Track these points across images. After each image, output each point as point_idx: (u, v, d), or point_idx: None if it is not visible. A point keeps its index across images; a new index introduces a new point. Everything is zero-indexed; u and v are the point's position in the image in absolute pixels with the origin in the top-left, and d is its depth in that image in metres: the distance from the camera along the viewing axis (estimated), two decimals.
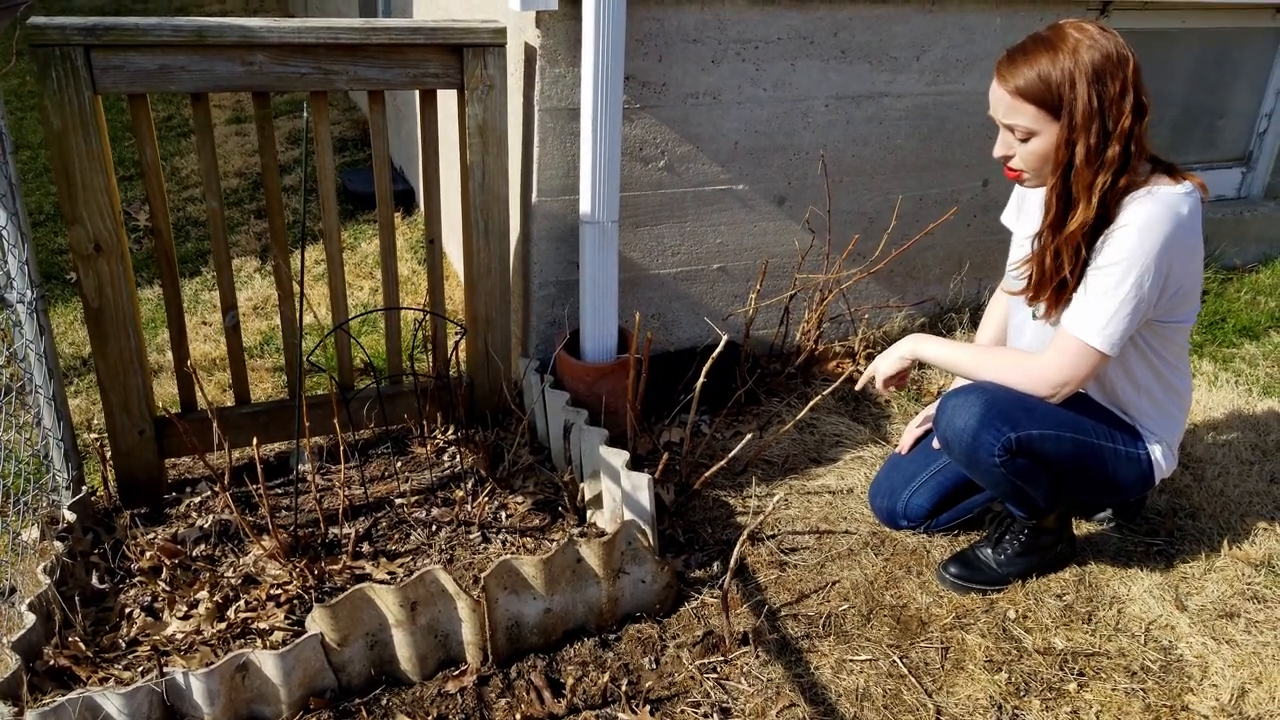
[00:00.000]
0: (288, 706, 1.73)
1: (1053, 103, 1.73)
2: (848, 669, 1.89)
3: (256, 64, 2.05)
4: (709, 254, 2.79)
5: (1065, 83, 1.71)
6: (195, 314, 3.35)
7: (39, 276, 2.03)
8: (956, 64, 2.85)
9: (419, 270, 3.64)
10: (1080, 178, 1.75)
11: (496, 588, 1.81)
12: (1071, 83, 1.71)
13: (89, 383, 2.88)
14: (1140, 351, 1.93)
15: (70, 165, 1.99)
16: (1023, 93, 1.74)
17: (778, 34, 2.58)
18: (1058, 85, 1.71)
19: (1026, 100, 1.75)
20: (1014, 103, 1.76)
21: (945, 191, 3.04)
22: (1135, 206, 1.75)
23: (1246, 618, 2.04)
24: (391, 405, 2.48)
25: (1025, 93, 1.74)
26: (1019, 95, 1.75)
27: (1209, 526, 2.32)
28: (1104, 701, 1.83)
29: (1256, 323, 3.39)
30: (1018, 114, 1.77)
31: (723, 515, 2.32)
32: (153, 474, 2.29)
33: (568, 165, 2.47)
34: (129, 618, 1.91)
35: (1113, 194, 1.76)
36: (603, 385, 2.46)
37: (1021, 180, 1.88)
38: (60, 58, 1.91)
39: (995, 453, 1.88)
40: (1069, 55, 1.71)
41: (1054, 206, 1.81)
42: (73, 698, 1.56)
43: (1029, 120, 1.77)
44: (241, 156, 4.87)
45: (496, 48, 2.21)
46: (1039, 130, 1.77)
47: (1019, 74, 1.75)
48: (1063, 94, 1.72)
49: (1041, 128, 1.76)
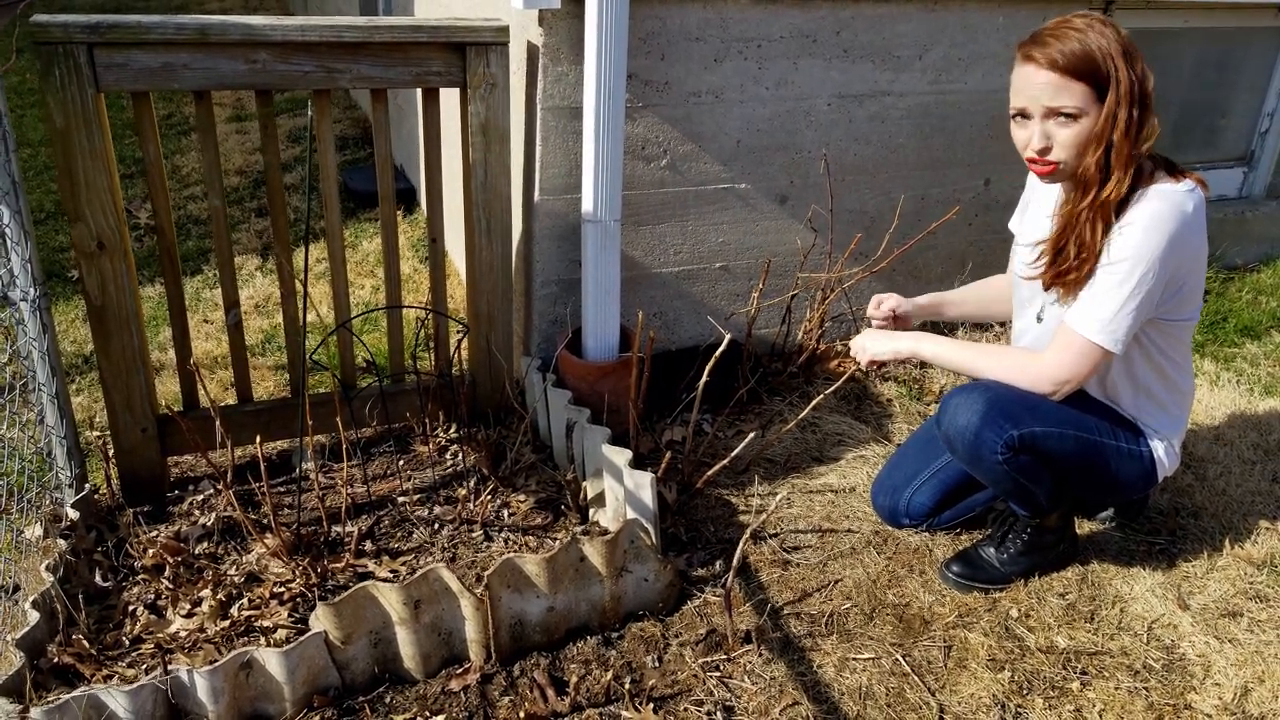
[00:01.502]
0: (291, 704, 1.73)
1: (1100, 77, 1.71)
2: (850, 667, 1.89)
3: (260, 62, 2.05)
4: (711, 253, 2.79)
5: (1108, 57, 1.71)
6: (197, 312, 3.35)
7: (41, 274, 2.03)
8: (959, 63, 2.85)
9: (421, 269, 3.64)
10: (1120, 151, 1.74)
11: (499, 586, 1.81)
12: (1112, 57, 1.70)
13: (91, 380, 2.88)
14: (1143, 349, 1.93)
15: (73, 163, 1.99)
16: (1069, 69, 1.72)
17: (780, 33, 2.58)
18: (1102, 59, 1.71)
19: (1075, 78, 1.72)
20: (1061, 81, 1.73)
21: (947, 191, 3.04)
22: (1141, 204, 1.75)
23: (1249, 617, 2.04)
24: (394, 404, 2.48)
25: (1071, 69, 1.72)
26: (1067, 74, 1.72)
27: (1211, 526, 2.32)
28: (1107, 700, 1.83)
29: (1258, 322, 3.39)
30: (1066, 93, 1.73)
31: (725, 514, 2.32)
32: (155, 472, 2.29)
33: (570, 164, 2.47)
34: (132, 615, 1.91)
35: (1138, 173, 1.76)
36: (605, 384, 2.46)
37: (1055, 175, 1.82)
38: (63, 55, 1.91)
39: (998, 450, 1.88)
40: (1097, 34, 1.71)
41: (1094, 180, 1.76)
42: (77, 695, 1.56)
43: (1078, 99, 1.73)
44: (242, 155, 4.87)
45: (499, 46, 2.21)
46: (1086, 110, 1.74)
47: (1059, 52, 1.72)
48: (1108, 69, 1.71)
49: (1088, 106, 1.74)
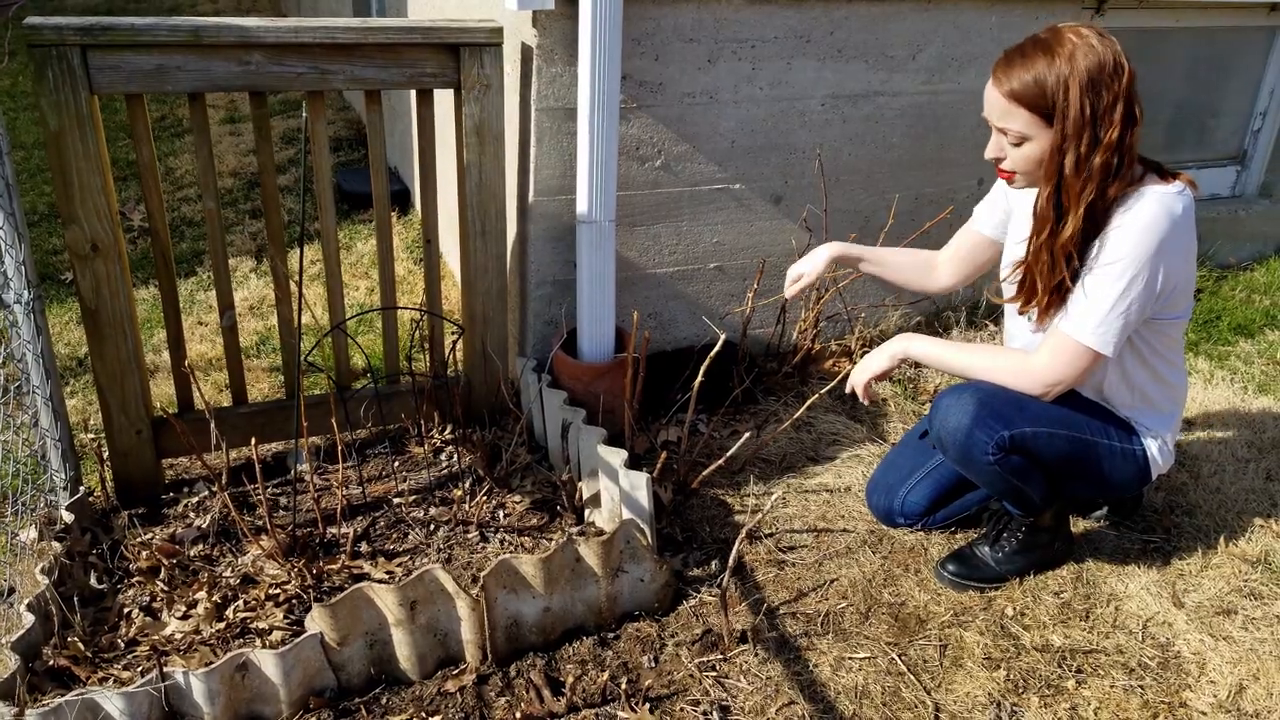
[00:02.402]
0: (287, 706, 1.73)
1: (1046, 109, 1.72)
2: (846, 667, 1.89)
3: (253, 64, 2.05)
4: (706, 253, 2.79)
5: (1059, 89, 1.70)
6: (191, 314, 3.34)
7: (36, 277, 2.03)
8: (952, 63, 2.85)
9: (415, 270, 3.64)
10: (1070, 187, 1.75)
11: (495, 587, 1.81)
12: (1066, 89, 1.70)
13: (86, 383, 2.87)
14: (1134, 347, 1.93)
15: (67, 166, 1.98)
16: (1017, 97, 1.74)
17: (774, 33, 2.58)
18: (1052, 92, 1.71)
19: (1020, 105, 1.74)
20: (1008, 106, 1.76)
21: (941, 190, 3.05)
22: (1131, 208, 1.75)
23: (1244, 614, 2.05)
24: (389, 405, 2.48)
25: (1019, 97, 1.74)
26: (1013, 99, 1.74)
27: (1206, 524, 2.33)
28: (1102, 698, 1.83)
29: (1251, 320, 3.40)
30: (1011, 118, 1.77)
31: (721, 514, 2.32)
32: (150, 474, 2.29)
33: (564, 165, 2.47)
34: (128, 618, 1.91)
35: (1101, 203, 1.75)
36: (600, 384, 2.46)
37: (1012, 182, 1.87)
38: (57, 58, 1.91)
39: (989, 451, 1.88)
40: (1065, 61, 1.70)
41: (1049, 216, 1.80)
42: (72, 698, 1.56)
43: (1021, 125, 1.76)
44: (236, 156, 4.86)
45: (493, 47, 2.21)
46: (1031, 135, 1.76)
47: (1014, 77, 1.74)
48: (1056, 101, 1.71)
49: (1034, 133, 1.76)
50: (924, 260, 2.26)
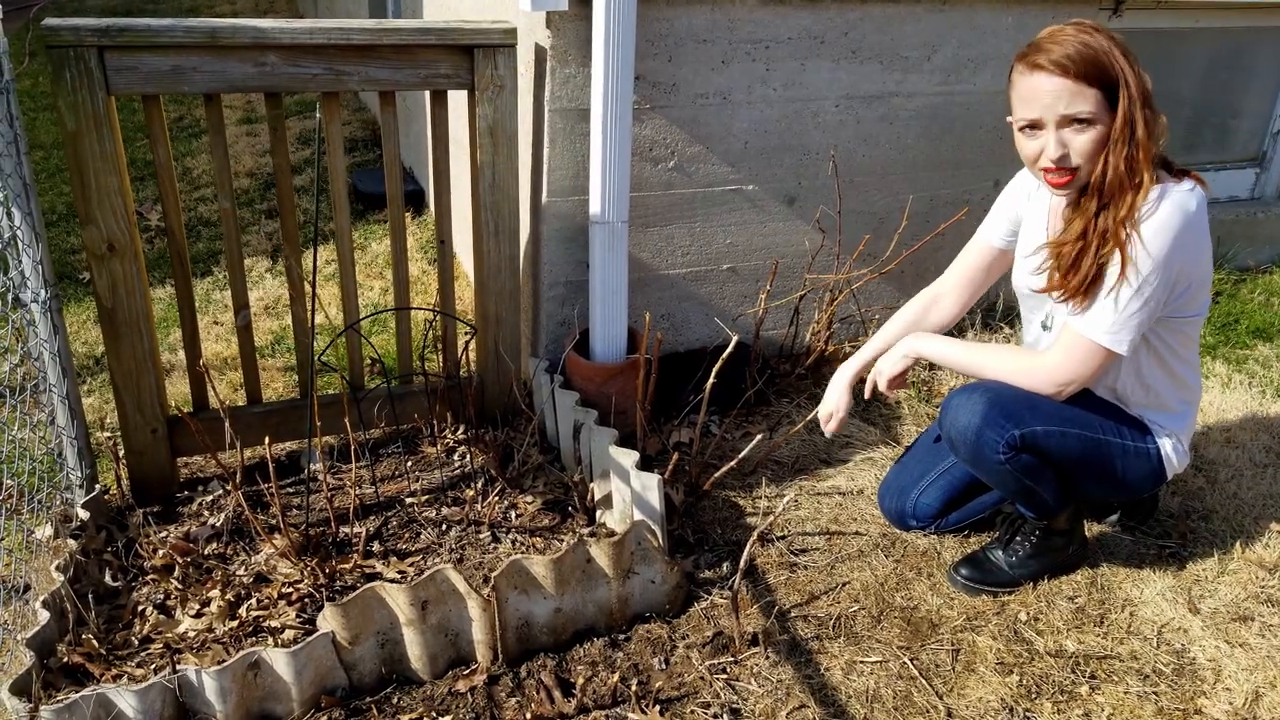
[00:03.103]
0: (299, 704, 1.73)
1: (1111, 81, 1.72)
2: (858, 670, 1.89)
3: (269, 65, 2.06)
4: (718, 254, 2.79)
5: (1115, 61, 1.71)
6: (207, 313, 3.37)
7: (53, 276, 2.05)
8: (968, 64, 2.84)
9: (429, 270, 3.65)
10: (1146, 151, 1.73)
11: (507, 587, 1.81)
12: (1117, 59, 1.71)
13: (102, 382, 2.90)
14: (1150, 346, 1.92)
15: (84, 166, 2.00)
16: (1083, 75, 1.71)
17: (788, 34, 2.58)
18: (1109, 64, 1.71)
19: (1088, 83, 1.72)
20: (1078, 88, 1.72)
21: (956, 192, 3.03)
22: (1146, 206, 1.74)
23: (1260, 621, 2.03)
24: (402, 405, 2.49)
25: (1084, 75, 1.71)
26: (1080, 79, 1.72)
27: (1222, 529, 2.31)
28: (1116, 705, 1.82)
29: (1270, 324, 3.37)
30: (1081, 99, 1.73)
31: (732, 516, 2.32)
32: (165, 473, 2.30)
33: (578, 166, 2.47)
34: (142, 615, 1.92)
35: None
36: (612, 385, 2.46)
37: (1071, 184, 1.80)
38: (74, 59, 1.92)
39: (1000, 450, 1.87)
40: (1095, 39, 1.71)
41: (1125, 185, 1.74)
42: (86, 694, 1.57)
43: (1092, 104, 1.73)
44: (252, 157, 4.89)
45: (507, 48, 2.21)
46: (1099, 115, 1.74)
47: (1070, 59, 1.71)
48: (1116, 71, 1.71)
49: (1100, 112, 1.74)
50: (928, 301, 2.24)
